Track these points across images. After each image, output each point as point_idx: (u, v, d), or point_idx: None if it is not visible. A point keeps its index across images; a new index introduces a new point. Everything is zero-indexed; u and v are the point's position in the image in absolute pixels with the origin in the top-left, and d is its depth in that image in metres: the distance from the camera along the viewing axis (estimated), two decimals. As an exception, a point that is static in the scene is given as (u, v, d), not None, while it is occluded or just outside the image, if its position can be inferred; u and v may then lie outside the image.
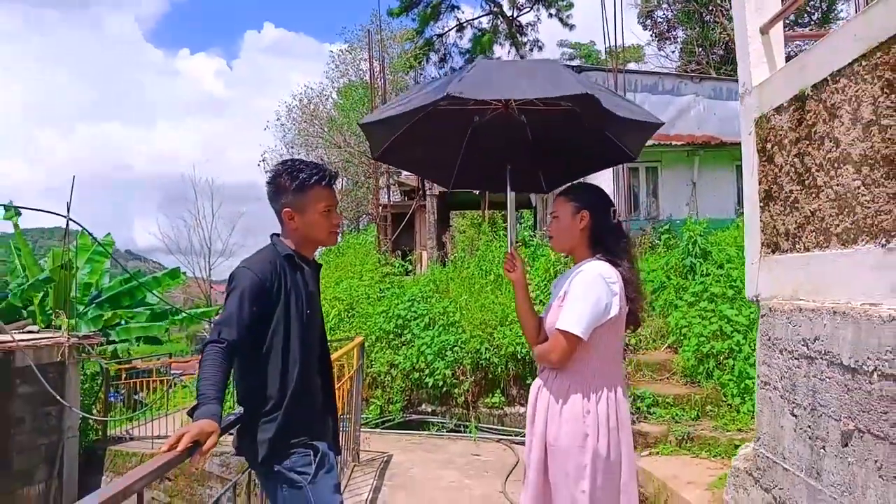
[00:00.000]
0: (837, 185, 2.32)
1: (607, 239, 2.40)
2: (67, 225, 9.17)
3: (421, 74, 27.43)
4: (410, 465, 5.45)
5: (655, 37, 23.72)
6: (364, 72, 25.19)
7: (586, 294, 2.24)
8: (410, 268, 11.85)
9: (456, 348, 7.06)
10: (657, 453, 4.99)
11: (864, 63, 2.15)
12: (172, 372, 12.71)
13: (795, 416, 2.51)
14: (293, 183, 2.19)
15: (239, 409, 2.17)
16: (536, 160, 2.98)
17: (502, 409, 6.80)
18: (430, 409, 7.23)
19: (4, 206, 11.40)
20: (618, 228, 2.49)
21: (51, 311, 13.12)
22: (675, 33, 23.08)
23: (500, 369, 6.84)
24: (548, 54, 29.26)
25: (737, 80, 3.04)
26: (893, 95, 2.01)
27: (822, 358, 2.34)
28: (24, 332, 9.23)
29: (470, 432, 6.57)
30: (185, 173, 69.83)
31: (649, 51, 24.72)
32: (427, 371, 7.08)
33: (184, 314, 16.31)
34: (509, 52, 26.25)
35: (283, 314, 2.12)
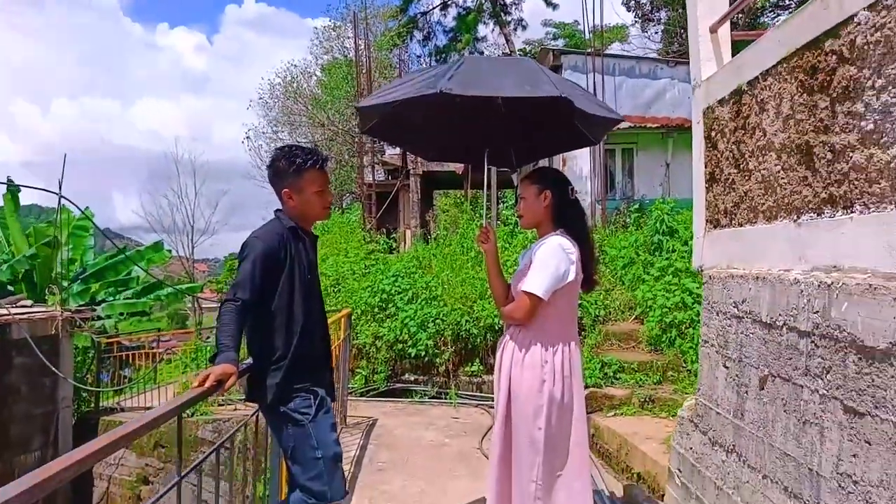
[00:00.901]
0: (764, 169, 2.70)
1: (567, 213, 2.78)
2: (60, 202, 9.37)
3: (405, 52, 27.45)
4: (394, 427, 5.85)
5: (639, 18, 23.99)
6: (348, 49, 25.18)
7: (548, 262, 2.62)
8: (395, 245, 12.18)
9: (438, 320, 7.44)
10: (621, 414, 5.43)
11: (784, 65, 2.52)
12: (159, 345, 12.94)
13: (727, 367, 2.93)
14: (291, 167, 2.53)
15: (249, 360, 2.53)
16: (509, 140, 3.35)
17: (481, 377, 7.21)
18: (412, 378, 7.63)
19: (5, 183, 11.52)
20: (575, 203, 2.87)
21: (38, 288, 13.32)
22: (658, 15, 23.34)
23: (479, 340, 7.25)
24: (531, 34, 29.42)
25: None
26: (805, 94, 2.38)
27: (747, 317, 2.74)
28: (17, 307, 9.46)
29: (450, 399, 6.98)
30: (168, 151, 69.33)
31: (633, 31, 25.00)
32: (410, 342, 7.46)
33: (168, 289, 16.51)
34: (493, 30, 26.40)
35: (287, 278, 2.47)
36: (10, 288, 13.59)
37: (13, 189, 13.98)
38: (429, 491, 4.14)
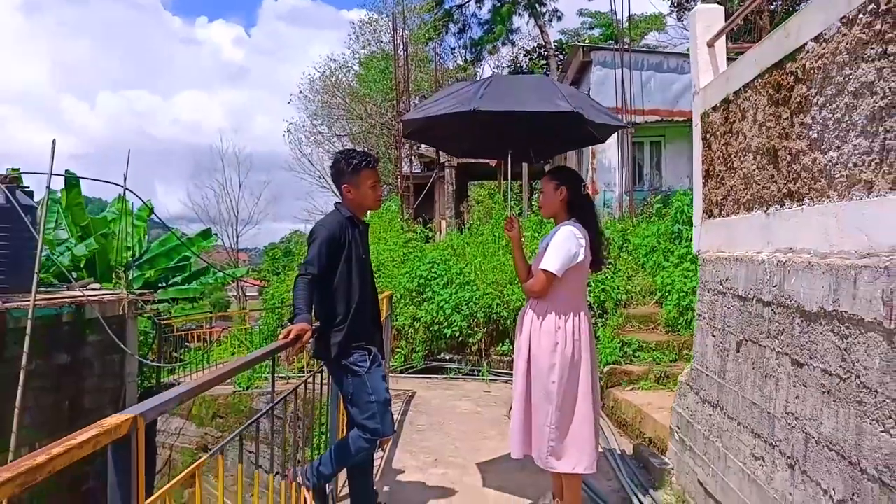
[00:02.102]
0: (744, 167, 3.19)
1: (579, 205, 3.33)
2: (125, 193, 10.20)
3: (440, 45, 27.92)
4: (431, 398, 6.47)
5: (675, 6, 23.98)
6: (385, 43, 25.82)
7: (562, 245, 3.18)
8: (431, 235, 12.79)
9: (471, 304, 8.02)
10: (638, 388, 5.94)
11: (759, 80, 3.01)
12: (211, 327, 13.83)
13: (714, 336, 3.44)
14: (349, 166, 3.14)
15: (317, 324, 3.14)
16: (529, 141, 3.91)
17: (511, 356, 7.73)
18: (447, 357, 8.24)
19: (67, 175, 12.50)
20: (587, 197, 3.43)
21: (98, 275, 14.35)
22: (693, 3, 23.29)
23: (509, 322, 7.80)
24: (567, 24, 29.58)
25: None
26: (773, 106, 2.88)
27: (729, 292, 3.25)
28: (88, 290, 10.37)
29: (482, 375, 7.57)
30: (212, 144, 71.45)
31: (670, 21, 24.98)
32: (445, 324, 8.06)
33: (218, 274, 17.48)
34: (527, 21, 26.65)
35: (346, 258, 3.07)
36: (74, 274, 14.67)
37: (73, 181, 15.02)
38: (462, 448, 4.73)
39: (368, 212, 3.42)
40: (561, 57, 23.65)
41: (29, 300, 7.48)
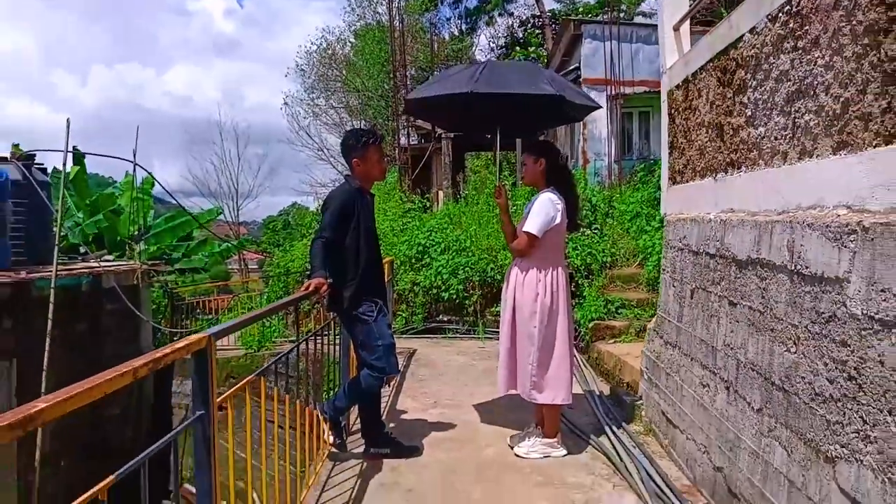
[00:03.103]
0: (699, 140, 3.67)
1: (557, 175, 3.82)
2: (135, 170, 10.64)
3: (436, 16, 27.99)
4: (430, 353, 7.03)
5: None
6: (380, 14, 25.90)
7: (541, 210, 3.68)
8: (428, 204, 13.26)
9: (467, 268, 8.55)
10: (620, 341, 6.50)
11: (711, 64, 3.47)
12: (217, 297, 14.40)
13: (674, 287, 3.96)
14: (358, 143, 3.62)
15: (330, 280, 3.65)
16: (515, 118, 4.38)
17: (504, 316, 8.31)
18: (446, 319, 8.79)
19: (76, 152, 12.88)
20: (564, 168, 3.92)
21: (107, 249, 14.84)
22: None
23: (502, 284, 8.32)
24: (559, -7, 29.53)
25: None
26: (721, 87, 3.34)
27: (685, 249, 3.76)
28: (103, 261, 10.87)
29: (478, 334, 8.13)
30: (209, 116, 71.21)
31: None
32: (443, 287, 8.60)
33: (221, 247, 18.03)
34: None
35: (356, 224, 3.57)
36: (83, 249, 15.16)
37: (79, 158, 15.42)
38: (459, 394, 5.29)
39: (374, 183, 3.91)
40: (555, 27, 23.81)
41: (49, 271, 7.98)
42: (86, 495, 1.35)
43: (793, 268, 2.42)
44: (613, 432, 4.06)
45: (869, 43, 2.05)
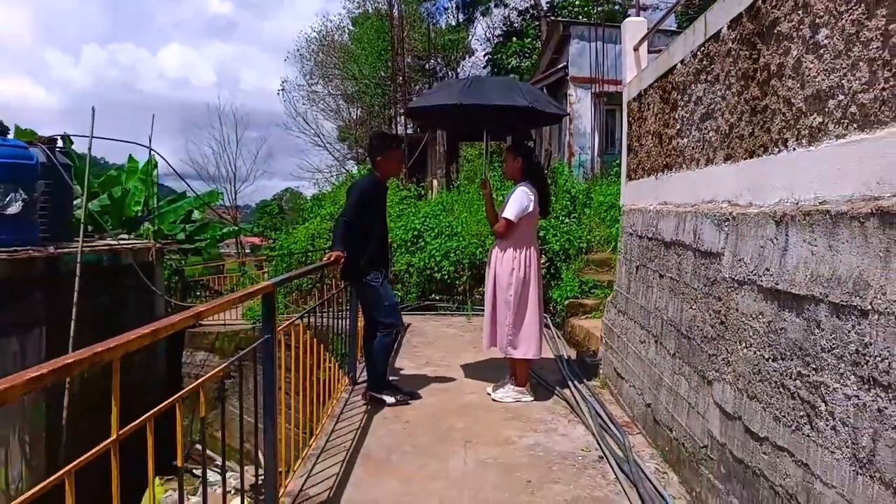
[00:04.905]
0: (647, 145, 4.50)
1: (531, 171, 4.65)
2: (150, 155, 11.39)
3: (433, 5, 28.64)
4: (424, 326, 7.88)
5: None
6: (379, 2, 26.52)
7: (517, 200, 4.52)
8: (423, 192, 14.07)
9: (458, 252, 9.38)
10: (591, 317, 7.35)
11: (655, 84, 4.30)
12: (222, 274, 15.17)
13: (625, 265, 4.81)
14: (383, 145, 4.46)
15: (346, 255, 4.48)
16: (497, 123, 5.22)
17: (491, 296, 9.16)
18: (438, 298, 9.63)
19: (97, 137, 13.56)
20: (537, 164, 4.77)
21: (113, 229, 15.57)
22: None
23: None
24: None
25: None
26: (661, 103, 4.17)
27: (635, 234, 4.61)
28: (118, 239, 11.65)
29: (466, 311, 8.98)
30: (206, 100, 71.46)
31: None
32: (436, 269, 9.43)
33: (223, 229, 18.79)
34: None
35: (373, 208, 4.40)
36: (89, 228, 15.88)
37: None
38: (448, 357, 6.14)
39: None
40: (551, 17, 24.48)
41: (74, 247, 8.75)
42: (133, 425, 2.16)
43: (696, 246, 3.26)
44: (574, 385, 4.92)
45: (744, 84, 2.88)
